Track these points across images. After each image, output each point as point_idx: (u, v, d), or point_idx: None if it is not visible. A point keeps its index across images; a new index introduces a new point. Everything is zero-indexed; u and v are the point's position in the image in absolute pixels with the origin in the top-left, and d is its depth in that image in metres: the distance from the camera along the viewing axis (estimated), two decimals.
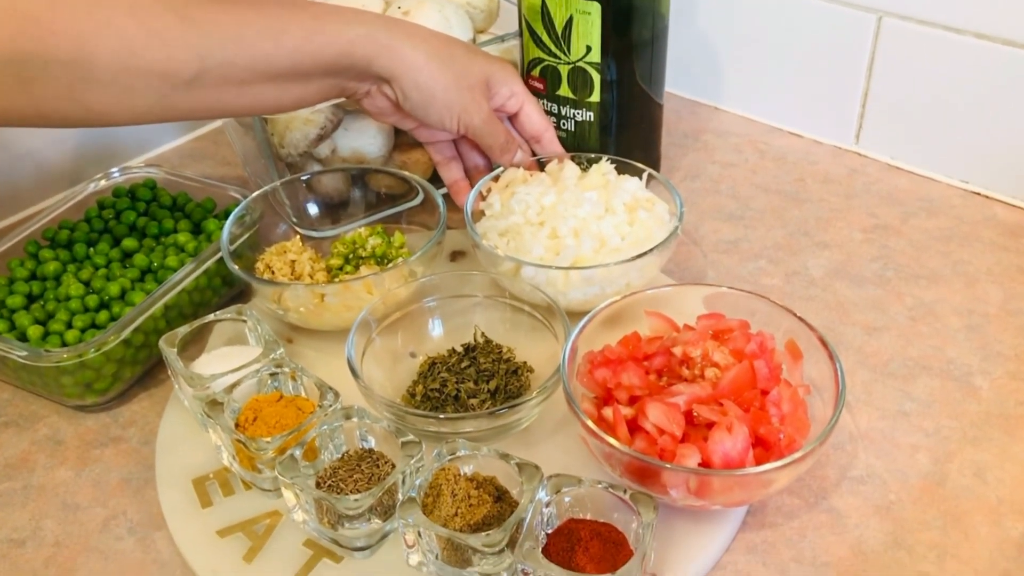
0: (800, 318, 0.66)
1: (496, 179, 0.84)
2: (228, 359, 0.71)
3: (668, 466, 0.57)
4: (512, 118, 0.83)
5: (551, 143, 0.84)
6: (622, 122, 0.90)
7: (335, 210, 0.92)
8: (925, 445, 0.69)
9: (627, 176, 0.82)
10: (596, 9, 0.82)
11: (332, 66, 0.70)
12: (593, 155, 0.84)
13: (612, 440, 0.59)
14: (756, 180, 1.00)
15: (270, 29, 0.67)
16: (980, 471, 0.67)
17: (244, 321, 0.74)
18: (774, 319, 0.68)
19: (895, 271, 0.86)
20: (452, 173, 0.86)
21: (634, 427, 0.62)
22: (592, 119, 0.88)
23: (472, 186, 0.84)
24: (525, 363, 0.74)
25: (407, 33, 0.73)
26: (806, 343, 0.66)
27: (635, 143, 0.92)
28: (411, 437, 0.63)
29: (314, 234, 0.89)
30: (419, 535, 0.58)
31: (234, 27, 0.65)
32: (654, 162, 0.96)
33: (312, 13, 0.69)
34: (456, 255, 0.89)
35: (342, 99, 0.79)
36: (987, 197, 0.95)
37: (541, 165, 0.85)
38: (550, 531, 0.59)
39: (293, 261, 0.80)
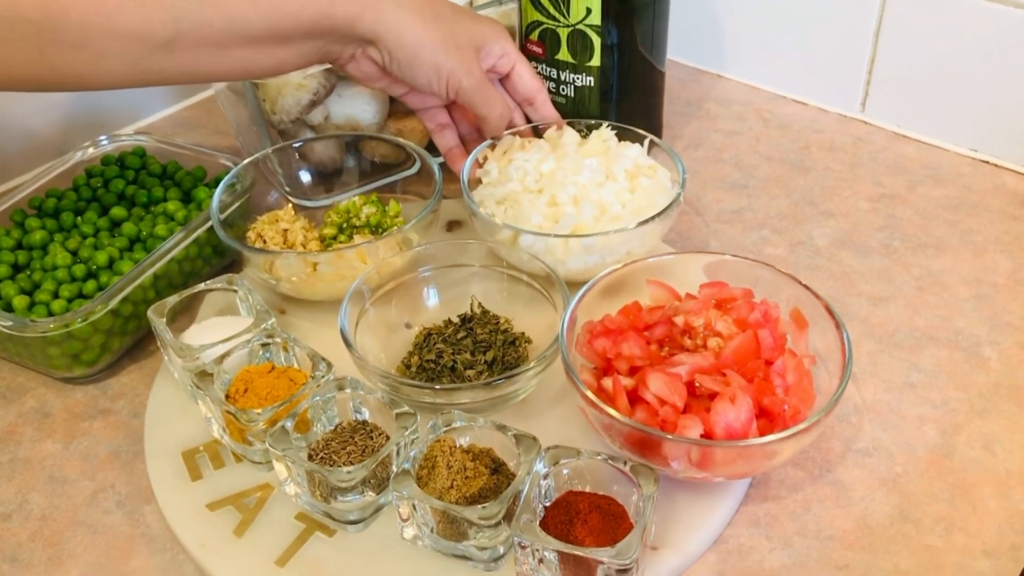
0: (805, 286, 0.64)
1: (493, 146, 0.82)
2: (218, 329, 0.70)
3: (669, 437, 0.55)
4: (503, 80, 0.81)
5: (544, 105, 0.82)
6: (623, 88, 0.87)
7: (329, 179, 0.90)
8: (932, 417, 0.68)
9: (628, 143, 0.80)
10: None
11: (313, 28, 0.67)
12: (593, 121, 0.82)
13: (612, 411, 0.57)
14: (760, 149, 0.98)
15: None
16: (989, 443, 0.65)
17: (235, 291, 0.72)
18: (778, 288, 0.66)
19: (902, 240, 0.84)
20: (447, 140, 0.84)
21: (634, 398, 0.61)
22: (592, 84, 0.86)
23: (468, 153, 0.82)
24: (523, 334, 0.72)
25: None
26: (811, 312, 0.64)
27: (636, 110, 0.90)
28: (406, 408, 0.62)
29: (307, 203, 0.87)
30: (414, 508, 0.57)
31: None
32: (655, 130, 0.94)
33: None
34: (453, 225, 0.87)
35: (328, 64, 0.77)
36: (996, 166, 0.93)
37: (537, 132, 0.83)
38: (548, 504, 0.57)
39: (285, 230, 0.78)
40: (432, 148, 0.87)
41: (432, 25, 0.71)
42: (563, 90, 0.87)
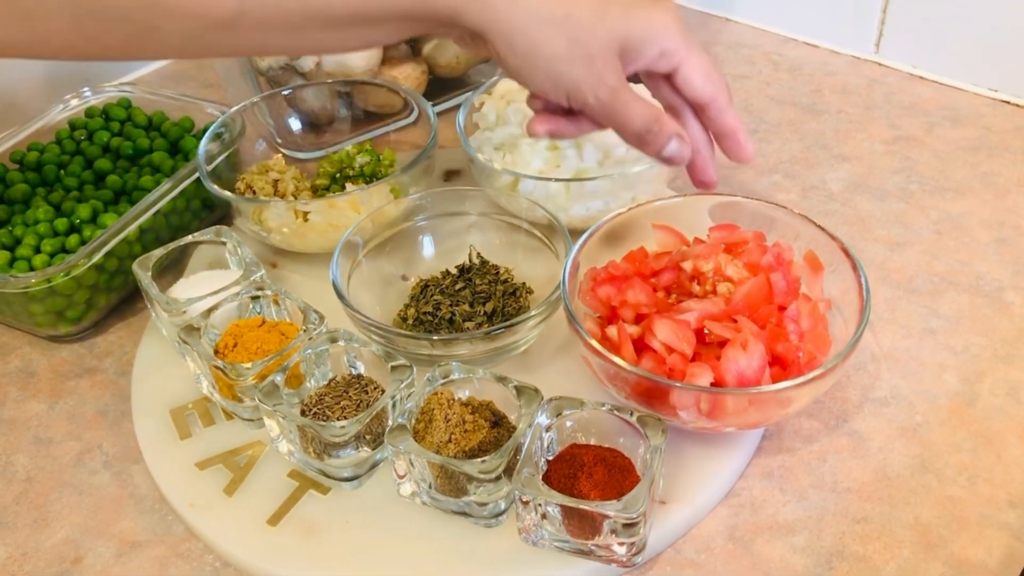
0: (820, 227, 0.61)
1: (490, 91, 0.78)
2: (207, 283, 0.67)
3: (679, 385, 0.52)
4: (669, 80, 0.60)
5: (720, 114, 0.60)
6: None
7: (321, 130, 0.86)
8: (953, 364, 0.64)
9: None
10: None
11: (408, 14, 0.54)
12: None
13: (618, 359, 0.54)
14: (770, 92, 0.94)
15: None
16: (1014, 390, 0.62)
17: (223, 243, 0.69)
18: (792, 230, 0.63)
19: (919, 184, 0.81)
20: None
21: (641, 347, 0.58)
22: None
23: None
24: (524, 284, 0.69)
25: None
26: (826, 255, 0.61)
27: None
28: (401, 360, 0.59)
29: (298, 155, 0.84)
30: (411, 463, 0.54)
31: None
32: None
33: None
34: (450, 174, 0.84)
35: None
36: (1017, 105, 0.89)
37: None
38: (551, 457, 0.55)
39: (276, 180, 0.75)
40: (429, 94, 0.83)
41: (557, 29, 0.54)
42: None
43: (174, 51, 0.54)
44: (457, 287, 0.68)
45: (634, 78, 0.59)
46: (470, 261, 0.70)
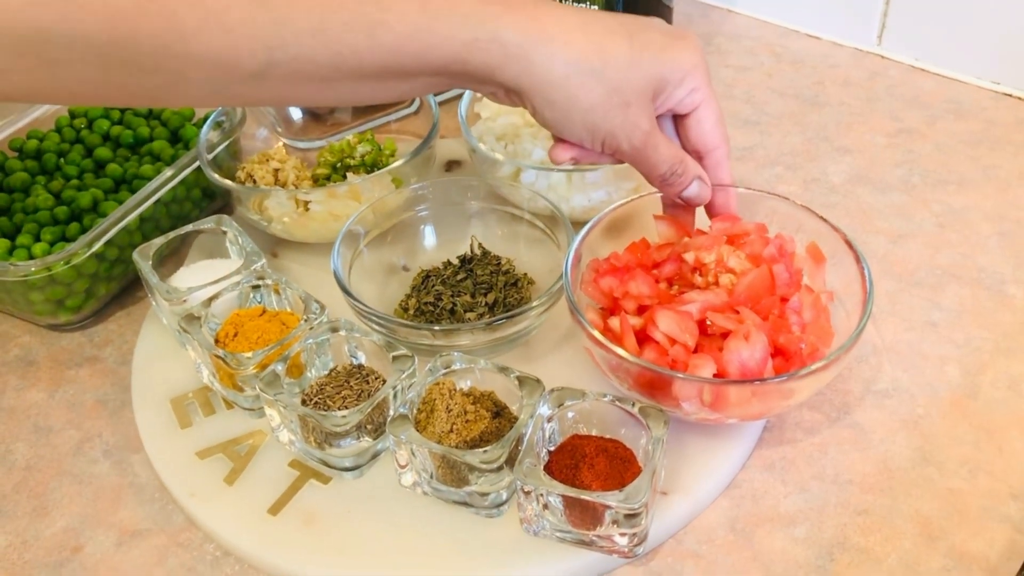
0: (822, 218, 0.61)
1: None
2: (207, 272, 0.67)
3: (682, 376, 0.52)
4: (677, 118, 0.60)
5: (718, 165, 0.61)
6: None
7: (322, 119, 0.86)
8: (955, 357, 0.64)
9: None
10: None
11: (442, 69, 0.53)
12: None
13: (620, 350, 0.54)
14: (772, 84, 0.94)
15: (362, 20, 0.50)
16: (1015, 383, 0.62)
17: (224, 232, 0.69)
18: (794, 222, 0.63)
19: (921, 176, 0.81)
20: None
21: (643, 338, 0.58)
22: None
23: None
24: (525, 275, 0.69)
25: (544, 35, 0.52)
26: (829, 246, 0.61)
27: None
28: (403, 351, 0.59)
29: (299, 144, 0.84)
30: (412, 453, 0.54)
31: (316, 14, 0.49)
32: None
33: (421, 1, 0.51)
34: (452, 164, 0.83)
35: None
36: (1019, 99, 0.89)
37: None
38: (552, 448, 0.54)
39: (277, 170, 0.75)
40: None
41: (595, 81, 0.54)
42: None
43: (200, 101, 0.53)
44: (458, 277, 0.68)
45: None
46: (471, 251, 0.70)
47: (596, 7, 0.81)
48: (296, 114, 0.84)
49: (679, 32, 0.57)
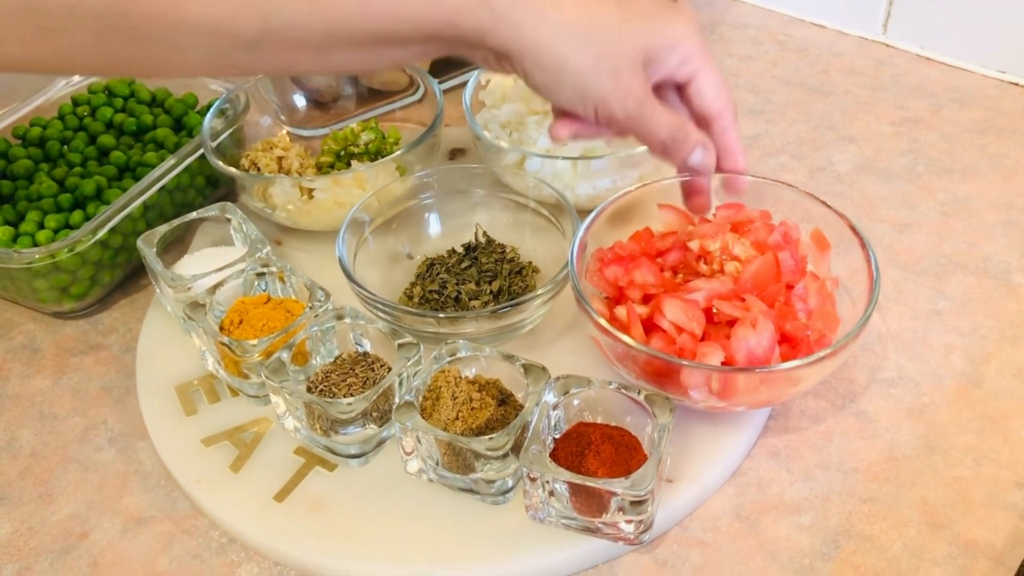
0: (827, 204, 0.61)
1: None
2: (212, 260, 0.67)
3: (691, 364, 0.52)
4: (680, 89, 0.60)
5: (724, 132, 0.60)
6: None
7: (326, 107, 0.86)
8: (960, 345, 0.64)
9: None
10: None
11: (434, 35, 0.54)
12: None
13: (628, 339, 0.54)
14: (777, 73, 0.94)
15: None
16: (1020, 371, 0.62)
17: (228, 220, 0.69)
18: (799, 209, 0.63)
19: (926, 165, 0.80)
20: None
21: (649, 327, 0.58)
22: None
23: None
24: (530, 263, 0.69)
25: None
26: (833, 233, 0.61)
27: None
28: (408, 338, 0.59)
29: (303, 132, 0.83)
30: (418, 440, 0.54)
31: None
32: None
33: None
34: (456, 153, 0.83)
35: None
36: None
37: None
38: (558, 435, 0.54)
39: (280, 157, 0.75)
40: (435, 72, 0.83)
41: (584, 44, 0.54)
42: None
43: (198, 69, 0.53)
44: (463, 265, 0.67)
45: None
46: (476, 239, 0.70)
47: None
48: (300, 102, 0.84)
49: (671, 2, 0.57)
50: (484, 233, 0.70)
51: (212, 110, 0.74)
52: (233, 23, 0.49)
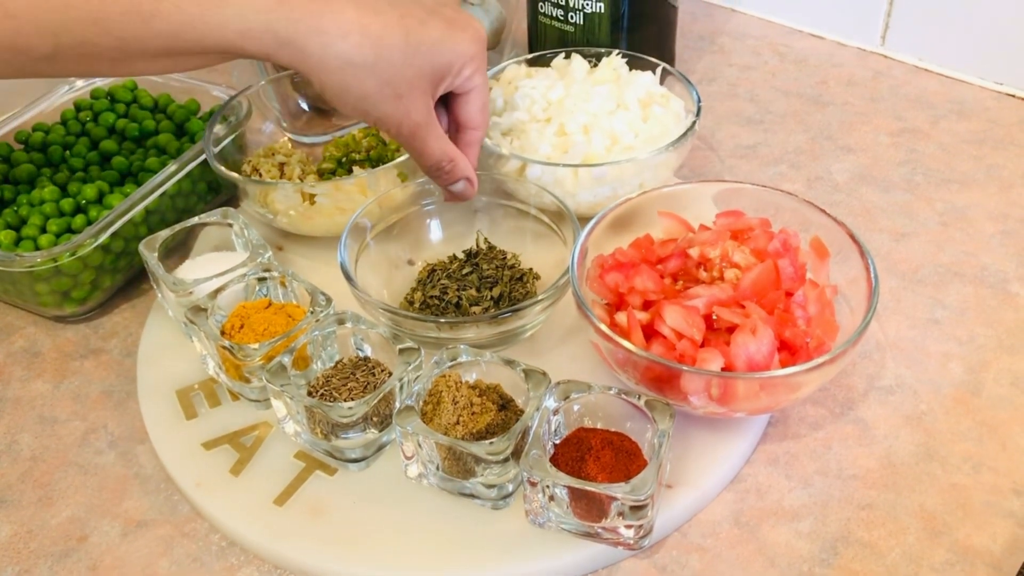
0: (825, 212, 0.61)
1: (497, 77, 0.78)
2: (213, 265, 0.67)
3: (691, 370, 0.52)
4: (451, 96, 0.64)
5: (469, 146, 0.65)
6: (634, 16, 0.83)
7: (327, 114, 0.86)
8: (958, 354, 0.65)
9: (639, 71, 0.77)
10: None
11: (224, 52, 0.56)
12: (603, 50, 0.78)
13: (629, 344, 0.54)
14: (776, 83, 0.94)
15: (137, 10, 0.53)
16: (1017, 380, 0.62)
17: (230, 225, 0.69)
18: (798, 217, 0.63)
19: (924, 175, 0.81)
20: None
21: (650, 333, 0.58)
22: (603, 11, 0.82)
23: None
24: (531, 270, 0.69)
25: (318, 28, 0.55)
26: (833, 241, 0.61)
27: (647, 43, 0.86)
28: (409, 343, 0.59)
29: (304, 139, 0.84)
30: (418, 444, 0.54)
31: (94, 3, 0.52)
32: (668, 63, 0.90)
33: None
34: None
35: None
36: (1022, 99, 0.89)
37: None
38: (558, 441, 0.55)
39: (282, 164, 0.75)
40: None
41: (367, 73, 0.56)
42: (572, 17, 0.83)
43: (7, 76, 0.55)
44: (464, 272, 0.68)
45: None
46: (477, 246, 0.70)
47: (602, 6, 0.81)
48: (301, 109, 0.84)
49: (462, 22, 0.61)
50: (485, 239, 0.71)
51: (214, 116, 0.74)
52: (27, 40, 0.52)
